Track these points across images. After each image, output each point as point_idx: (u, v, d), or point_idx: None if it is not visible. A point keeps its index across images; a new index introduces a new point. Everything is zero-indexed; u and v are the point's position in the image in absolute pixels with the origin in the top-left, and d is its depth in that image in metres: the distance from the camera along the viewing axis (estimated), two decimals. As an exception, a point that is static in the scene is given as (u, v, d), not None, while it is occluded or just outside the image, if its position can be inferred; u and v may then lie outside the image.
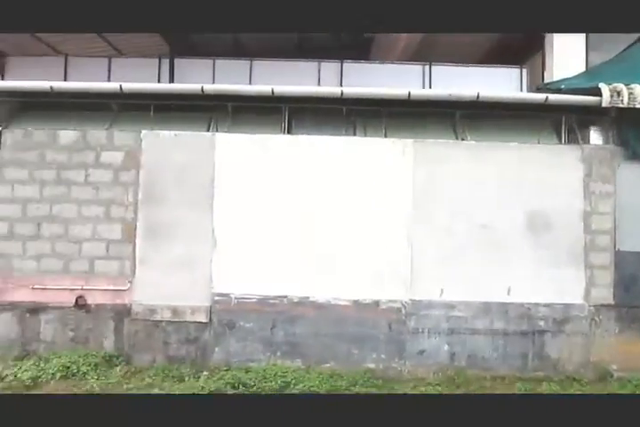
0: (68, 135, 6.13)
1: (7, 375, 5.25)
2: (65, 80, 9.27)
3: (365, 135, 6.20)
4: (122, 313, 5.86)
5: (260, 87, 6.08)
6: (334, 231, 5.87)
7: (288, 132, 6.20)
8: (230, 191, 5.94)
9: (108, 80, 9.17)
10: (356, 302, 5.80)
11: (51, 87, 6.10)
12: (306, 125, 6.23)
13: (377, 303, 5.81)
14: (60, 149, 6.11)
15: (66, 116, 6.40)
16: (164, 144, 6.07)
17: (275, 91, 5.89)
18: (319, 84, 8.91)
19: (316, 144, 5.98)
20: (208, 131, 6.25)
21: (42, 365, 5.42)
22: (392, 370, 5.76)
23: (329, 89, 6.16)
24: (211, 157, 6.00)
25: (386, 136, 6.13)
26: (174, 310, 5.80)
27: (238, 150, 6.01)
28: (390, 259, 5.82)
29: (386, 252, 5.83)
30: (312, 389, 5.15)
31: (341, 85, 8.58)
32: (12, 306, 5.95)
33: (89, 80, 6.73)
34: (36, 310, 5.92)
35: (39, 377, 5.22)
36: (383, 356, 5.81)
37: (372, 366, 5.76)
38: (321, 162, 5.95)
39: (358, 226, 5.87)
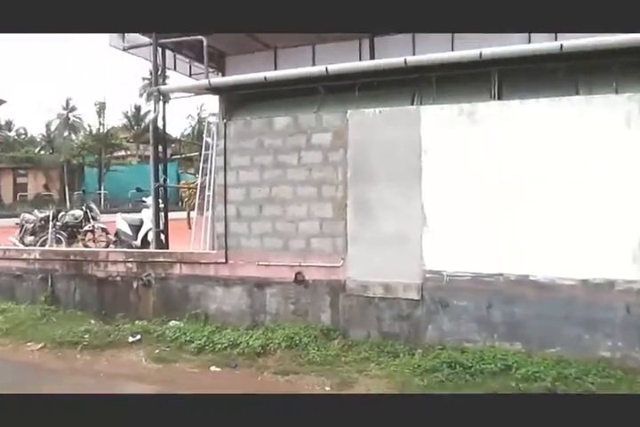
0: (281, 121, 6.48)
1: (241, 342, 5.80)
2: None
3: (591, 94, 5.42)
4: (337, 289, 6.08)
5: (466, 52, 5.67)
6: (556, 203, 5.27)
7: (498, 99, 5.73)
8: (438, 165, 5.71)
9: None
10: (584, 282, 5.15)
11: (265, 77, 6.50)
12: (518, 90, 5.66)
13: (611, 284, 5.08)
14: (276, 135, 6.50)
15: (279, 104, 6.80)
16: (369, 122, 6.08)
17: (483, 54, 5.45)
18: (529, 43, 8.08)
19: (530, 108, 5.41)
20: (412, 105, 6.09)
21: (269, 334, 5.87)
22: (632, 360, 5.00)
23: (545, 45, 5.48)
24: (416, 131, 5.83)
25: (617, 92, 5.28)
26: (386, 287, 5.82)
27: (444, 122, 5.74)
28: (627, 233, 5.04)
29: (621, 225, 5.05)
30: (536, 375, 4.73)
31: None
32: (241, 281, 6.57)
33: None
34: (261, 284, 6.45)
35: (267, 345, 5.67)
36: (620, 344, 5.07)
37: (606, 354, 5.07)
38: (538, 127, 5.37)
39: (585, 196, 5.17)
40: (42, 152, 42.69)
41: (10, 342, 6.47)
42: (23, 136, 49.69)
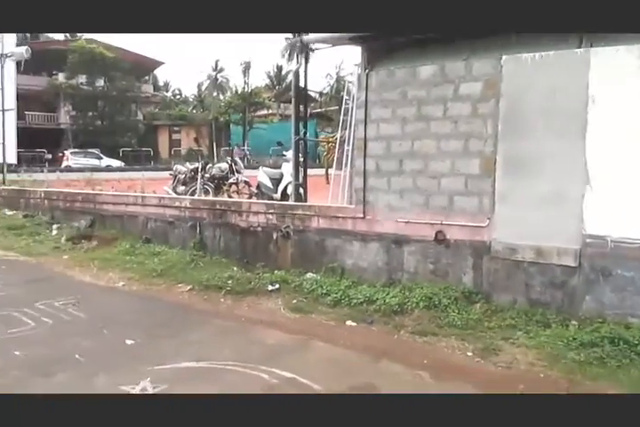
0: (426, 71, 6.06)
1: (377, 299, 5.69)
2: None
3: None
4: (480, 250, 5.68)
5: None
6: None
7: (694, 36, 4.80)
8: (608, 116, 4.97)
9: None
10: None
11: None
12: None
13: None
14: (420, 85, 6.10)
15: (425, 52, 6.34)
16: (526, 69, 5.45)
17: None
18: None
19: None
20: (579, 48, 5.32)
21: (406, 293, 5.69)
22: None
23: None
24: (583, 77, 5.10)
25: None
26: (537, 251, 5.30)
27: (619, 66, 4.94)
28: None
29: None
30: None
31: None
32: (379, 237, 6.41)
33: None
34: (399, 241, 6.24)
35: (405, 304, 5.49)
36: None
37: None
38: None
39: None
40: (194, 111, 45.67)
41: (163, 283, 7.00)
42: (178, 96, 53.67)
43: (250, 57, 56.85)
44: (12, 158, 15.27)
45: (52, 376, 4.19)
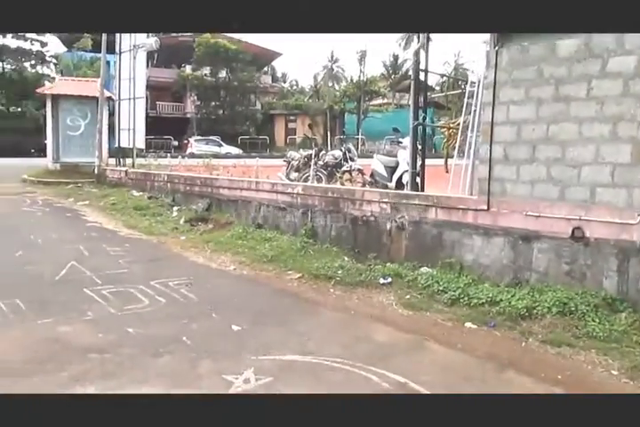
0: (567, 45, 5.34)
1: (501, 300, 5.12)
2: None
3: None
4: (628, 251, 4.91)
5: None
6: None
7: None
8: None
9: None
10: None
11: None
12: None
13: None
14: (559, 62, 5.40)
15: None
16: (697, 38, 4.59)
17: None
18: None
19: None
20: None
21: (535, 296, 5.06)
22: None
23: None
24: None
25: None
26: (702, 255, 4.47)
27: None
28: None
29: None
30: None
31: None
32: (504, 231, 5.81)
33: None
34: (528, 237, 5.60)
35: (534, 308, 4.87)
36: None
37: None
38: None
39: None
40: (309, 100, 46.37)
41: (273, 269, 6.90)
42: (295, 87, 54.93)
43: (365, 45, 56.54)
44: (140, 144, 16.15)
45: (160, 357, 4.16)
